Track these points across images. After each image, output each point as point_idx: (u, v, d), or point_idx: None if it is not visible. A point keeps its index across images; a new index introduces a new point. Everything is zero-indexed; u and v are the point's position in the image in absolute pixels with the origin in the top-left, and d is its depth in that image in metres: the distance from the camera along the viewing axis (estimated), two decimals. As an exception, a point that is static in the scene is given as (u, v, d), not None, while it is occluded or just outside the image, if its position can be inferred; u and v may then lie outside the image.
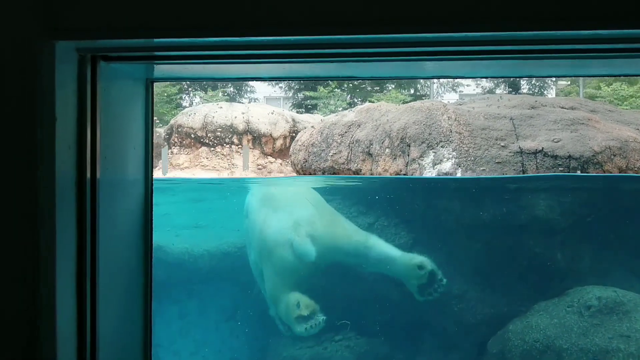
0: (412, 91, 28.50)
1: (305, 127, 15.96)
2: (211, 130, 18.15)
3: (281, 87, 31.07)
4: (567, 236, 9.42)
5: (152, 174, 2.81)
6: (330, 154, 10.73)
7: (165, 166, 16.23)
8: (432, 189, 9.82)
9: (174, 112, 23.70)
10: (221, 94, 26.62)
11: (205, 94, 26.55)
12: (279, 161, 18.16)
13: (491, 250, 9.55)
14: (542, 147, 9.11)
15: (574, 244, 9.44)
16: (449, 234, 9.74)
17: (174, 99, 26.31)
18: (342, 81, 24.09)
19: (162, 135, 18.35)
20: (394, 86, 27.29)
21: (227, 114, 18.41)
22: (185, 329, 10.19)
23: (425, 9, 2.09)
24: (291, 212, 9.85)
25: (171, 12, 2.15)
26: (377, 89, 26.85)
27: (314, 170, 10.94)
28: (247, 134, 18.20)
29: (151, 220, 2.80)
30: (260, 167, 17.87)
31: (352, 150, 10.46)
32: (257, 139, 18.26)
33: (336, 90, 25.57)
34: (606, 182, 9.32)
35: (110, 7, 2.15)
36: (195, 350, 10.13)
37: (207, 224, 11.67)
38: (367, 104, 12.63)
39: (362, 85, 26.70)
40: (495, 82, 27.87)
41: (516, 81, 27.43)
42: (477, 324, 9.17)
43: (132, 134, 2.70)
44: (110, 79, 2.44)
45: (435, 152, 9.33)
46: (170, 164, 16.77)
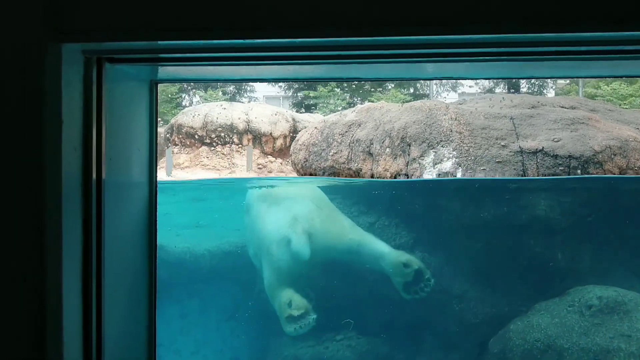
0: (412, 90, 28.51)
1: (305, 127, 15.95)
2: (211, 129, 18.15)
3: (281, 86, 31.08)
4: (568, 236, 9.43)
5: (156, 175, 2.82)
6: (330, 154, 10.73)
7: (169, 167, 16.24)
8: (432, 188, 9.82)
9: (174, 111, 23.69)
10: (221, 93, 26.62)
11: (205, 93, 26.55)
12: (279, 160, 18.16)
13: (492, 249, 9.55)
14: (543, 147, 9.12)
15: (574, 243, 9.44)
16: (449, 234, 9.75)
17: (174, 98, 26.31)
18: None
19: (163, 134, 18.36)
20: (393, 85, 27.31)
21: (227, 114, 18.41)
22: (186, 328, 10.19)
23: (426, 11, 2.10)
24: (290, 208, 9.85)
25: (175, 14, 2.17)
26: (378, 89, 26.85)
27: (314, 169, 10.94)
28: (247, 134, 18.21)
29: (155, 221, 2.81)
30: (260, 166, 17.86)
31: (352, 149, 10.46)
32: (257, 138, 18.26)
33: (336, 89, 25.57)
34: (606, 181, 9.32)
35: (115, 10, 2.17)
36: (196, 349, 10.13)
37: (207, 224, 11.69)
38: (368, 103, 12.62)
39: (362, 84, 26.70)
40: (494, 81, 27.90)
41: (516, 80, 27.44)
42: (478, 324, 9.17)
43: (136, 136, 2.72)
44: (115, 80, 2.46)
45: (435, 152, 9.34)
46: (170, 163, 16.78)
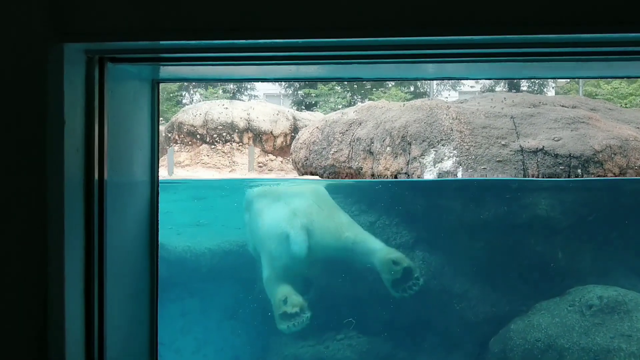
0: (412, 88, 28.48)
1: (305, 125, 15.95)
2: (212, 127, 18.15)
3: (281, 84, 31.03)
4: (569, 235, 9.42)
5: (158, 175, 2.82)
6: (331, 152, 10.73)
7: (171, 167, 16.24)
8: (433, 188, 9.82)
9: (174, 109, 23.68)
10: (221, 92, 26.59)
11: (205, 90, 26.52)
12: (280, 159, 18.16)
13: (492, 249, 9.54)
14: (543, 146, 9.12)
15: (575, 243, 9.44)
16: (450, 233, 9.75)
17: (174, 96, 26.29)
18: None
19: (163, 132, 18.36)
20: (394, 84, 27.29)
21: (228, 112, 18.41)
22: (186, 327, 10.18)
23: (427, 12, 2.10)
24: (289, 204, 9.85)
25: (177, 14, 2.17)
26: (380, 88, 26.83)
27: (315, 168, 10.94)
28: (247, 132, 18.20)
29: (157, 221, 2.82)
30: (260, 165, 17.86)
31: (353, 148, 10.46)
32: (258, 136, 18.26)
33: (336, 87, 25.56)
34: (607, 181, 9.32)
35: (117, 10, 2.17)
36: (196, 348, 10.12)
37: (208, 222, 11.68)
38: (368, 102, 12.61)
39: (362, 83, 26.69)
40: (495, 80, 27.87)
41: (516, 79, 27.42)
42: (478, 323, 9.17)
43: (138, 135, 2.72)
44: (117, 80, 2.46)
45: (436, 151, 9.34)
46: (170, 161, 16.78)
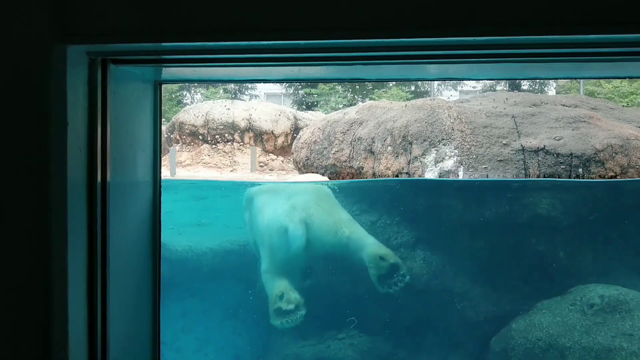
0: (413, 88, 28.46)
1: (306, 125, 15.95)
2: (213, 127, 18.15)
3: (282, 84, 31.02)
4: (570, 234, 9.42)
5: (160, 175, 2.83)
6: (332, 152, 10.74)
7: (173, 167, 16.24)
8: (434, 187, 9.82)
9: (175, 109, 23.67)
10: (222, 91, 26.58)
11: (206, 90, 26.51)
12: (280, 158, 18.16)
13: (494, 248, 9.54)
14: (544, 145, 9.12)
15: (576, 242, 9.43)
16: (451, 232, 9.74)
17: (175, 96, 26.29)
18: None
19: (165, 132, 18.36)
20: (394, 83, 27.28)
21: (229, 112, 18.41)
22: (188, 326, 10.18)
23: (428, 13, 2.11)
24: (289, 199, 9.86)
25: (179, 16, 2.18)
26: (382, 89, 26.82)
27: (316, 168, 10.94)
28: (249, 132, 18.21)
29: (159, 221, 2.82)
30: (262, 164, 17.87)
31: (354, 148, 10.46)
32: (259, 136, 18.26)
33: (337, 87, 25.54)
34: (607, 182, 9.31)
35: (120, 12, 2.17)
36: (198, 347, 10.12)
37: (209, 222, 11.68)
38: (370, 101, 12.60)
39: (363, 82, 26.69)
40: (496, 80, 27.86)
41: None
42: (480, 322, 9.17)
43: (140, 136, 2.73)
44: (119, 81, 2.47)
45: (437, 150, 9.34)
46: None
